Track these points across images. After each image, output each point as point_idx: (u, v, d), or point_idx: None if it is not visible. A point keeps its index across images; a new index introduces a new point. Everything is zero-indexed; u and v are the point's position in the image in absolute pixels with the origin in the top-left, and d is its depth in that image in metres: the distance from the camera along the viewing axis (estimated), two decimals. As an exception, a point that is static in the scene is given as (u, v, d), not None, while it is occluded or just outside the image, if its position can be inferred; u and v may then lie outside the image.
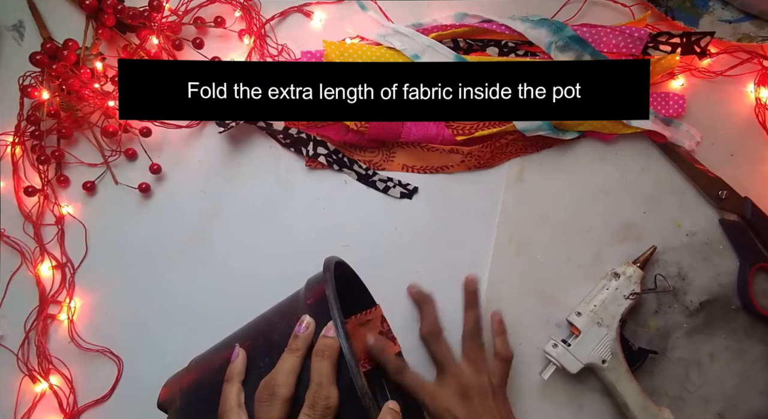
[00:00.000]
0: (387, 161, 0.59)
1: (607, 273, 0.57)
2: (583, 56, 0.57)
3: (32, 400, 0.55)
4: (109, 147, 0.58)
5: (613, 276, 0.56)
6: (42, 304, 0.56)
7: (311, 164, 0.59)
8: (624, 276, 0.56)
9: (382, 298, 0.52)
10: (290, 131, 0.58)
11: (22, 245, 0.57)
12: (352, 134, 0.58)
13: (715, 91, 0.60)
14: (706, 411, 0.58)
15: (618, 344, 0.55)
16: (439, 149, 0.58)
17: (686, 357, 0.58)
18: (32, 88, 0.55)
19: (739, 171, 0.60)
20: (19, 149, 0.57)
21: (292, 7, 0.60)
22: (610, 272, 0.57)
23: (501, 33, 0.59)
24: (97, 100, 0.56)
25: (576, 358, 0.54)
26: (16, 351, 0.56)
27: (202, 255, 0.58)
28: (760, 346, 0.59)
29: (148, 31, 0.57)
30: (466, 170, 0.60)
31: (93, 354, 0.57)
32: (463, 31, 0.58)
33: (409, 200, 0.59)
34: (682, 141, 0.59)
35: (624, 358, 0.55)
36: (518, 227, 0.59)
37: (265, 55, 0.59)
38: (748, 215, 0.58)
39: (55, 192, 0.58)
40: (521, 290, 0.59)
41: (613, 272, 0.56)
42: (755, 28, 0.59)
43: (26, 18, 0.59)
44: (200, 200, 0.59)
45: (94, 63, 0.56)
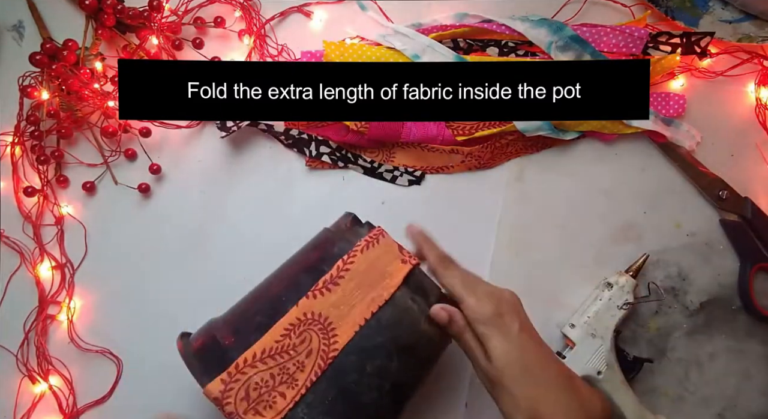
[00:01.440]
0: (387, 161, 0.59)
1: (600, 283, 0.57)
2: (583, 56, 0.57)
3: (32, 401, 0.55)
4: (109, 147, 0.58)
5: (605, 286, 0.56)
6: (41, 305, 0.56)
7: (311, 164, 0.59)
8: (617, 286, 0.55)
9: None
10: (291, 132, 0.58)
11: (21, 246, 0.57)
12: (352, 135, 0.58)
13: (715, 92, 0.60)
14: (706, 412, 0.58)
15: (613, 354, 0.54)
16: (440, 150, 0.58)
17: (686, 358, 0.58)
18: (32, 88, 0.55)
19: (740, 171, 0.60)
20: (19, 149, 0.57)
21: (292, 7, 0.60)
22: (602, 282, 0.56)
23: (501, 33, 0.59)
24: (97, 101, 0.56)
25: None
26: (16, 352, 0.56)
27: (202, 255, 0.58)
28: (760, 347, 0.59)
29: (147, 31, 0.57)
30: (466, 171, 0.60)
31: (93, 354, 0.57)
32: (462, 32, 0.58)
33: (418, 186, 0.59)
34: (682, 141, 0.59)
35: (619, 369, 0.54)
36: (518, 227, 0.59)
37: (265, 55, 0.59)
38: (749, 216, 0.58)
39: (55, 192, 0.58)
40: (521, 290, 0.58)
41: (605, 282, 0.56)
42: (755, 28, 0.59)
43: (26, 18, 0.59)
44: (200, 200, 0.59)
45: (93, 63, 0.56)
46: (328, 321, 0.42)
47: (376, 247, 0.45)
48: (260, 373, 0.41)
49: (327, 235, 0.48)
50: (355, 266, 0.44)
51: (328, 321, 0.42)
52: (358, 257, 0.44)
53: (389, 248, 0.45)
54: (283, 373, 0.41)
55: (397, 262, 0.45)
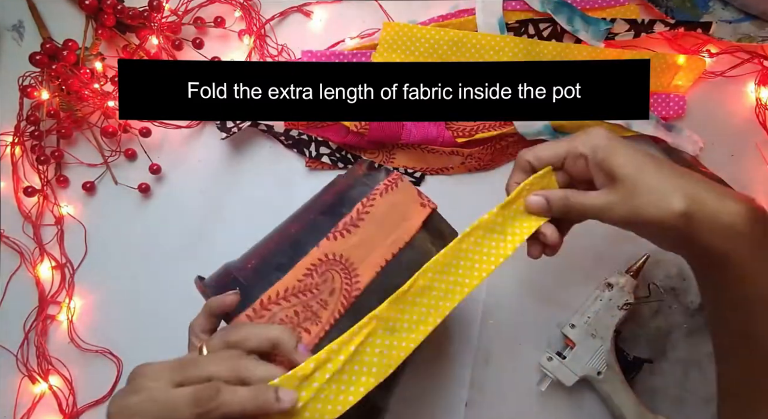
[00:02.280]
0: (387, 162, 0.59)
1: (600, 283, 0.57)
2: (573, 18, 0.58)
3: (32, 401, 0.55)
4: (109, 147, 0.58)
5: (606, 287, 0.56)
6: (41, 304, 0.56)
7: (312, 164, 0.59)
8: (617, 287, 0.55)
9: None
10: (291, 132, 0.58)
11: (21, 246, 0.57)
12: (352, 136, 0.58)
13: (715, 92, 0.60)
14: (706, 412, 0.58)
15: (613, 355, 0.54)
16: (440, 151, 0.58)
17: (686, 358, 0.58)
18: (32, 88, 0.55)
19: (740, 171, 0.60)
20: (19, 149, 0.57)
21: (292, 7, 0.60)
22: (603, 283, 0.56)
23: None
24: (97, 101, 0.56)
25: (571, 371, 0.54)
26: (16, 352, 0.56)
27: (202, 255, 0.58)
28: (760, 346, 0.59)
29: (147, 31, 0.57)
30: (466, 172, 0.60)
31: (92, 354, 0.57)
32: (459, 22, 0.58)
33: (418, 186, 0.59)
34: (684, 146, 0.59)
35: (619, 369, 0.54)
36: (518, 228, 0.59)
37: (265, 55, 0.59)
38: (749, 216, 0.58)
39: (55, 192, 0.58)
40: (521, 291, 0.59)
41: (606, 283, 0.56)
42: (755, 28, 0.59)
43: (26, 18, 0.59)
44: (200, 200, 0.59)
45: (93, 63, 0.56)
46: (350, 262, 0.43)
47: (395, 191, 0.45)
48: (285, 310, 0.41)
49: (343, 180, 0.48)
50: (375, 209, 0.44)
51: (349, 262, 0.43)
52: (377, 200, 0.44)
53: (408, 192, 0.46)
54: (307, 310, 0.41)
55: (416, 206, 0.45)
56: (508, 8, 0.59)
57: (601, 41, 0.58)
